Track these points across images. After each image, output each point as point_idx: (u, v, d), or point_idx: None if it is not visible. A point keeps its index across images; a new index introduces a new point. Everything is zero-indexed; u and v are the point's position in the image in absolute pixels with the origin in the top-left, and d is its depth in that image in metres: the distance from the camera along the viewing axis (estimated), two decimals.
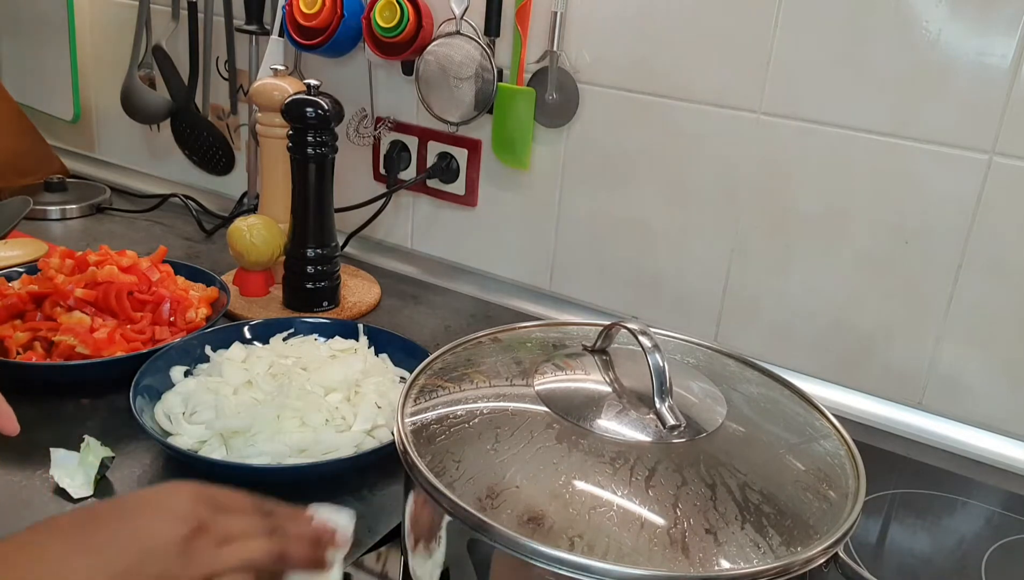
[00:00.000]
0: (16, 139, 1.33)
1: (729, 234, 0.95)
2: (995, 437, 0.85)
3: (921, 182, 0.83)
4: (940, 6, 0.79)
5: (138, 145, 1.44)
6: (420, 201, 1.17)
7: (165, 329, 0.87)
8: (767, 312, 0.95)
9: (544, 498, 0.48)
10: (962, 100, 0.80)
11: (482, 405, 0.57)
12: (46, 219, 1.27)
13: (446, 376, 0.61)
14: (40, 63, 1.45)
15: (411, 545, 0.57)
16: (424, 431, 0.54)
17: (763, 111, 0.90)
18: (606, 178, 1.01)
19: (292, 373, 0.79)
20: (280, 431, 0.71)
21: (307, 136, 0.95)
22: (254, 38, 1.18)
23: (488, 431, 0.54)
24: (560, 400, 0.56)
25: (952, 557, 0.70)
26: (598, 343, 0.63)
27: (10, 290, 0.87)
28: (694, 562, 0.45)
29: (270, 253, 1.01)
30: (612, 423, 0.54)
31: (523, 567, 0.46)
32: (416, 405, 0.57)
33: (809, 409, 0.62)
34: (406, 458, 0.52)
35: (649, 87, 0.96)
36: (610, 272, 1.04)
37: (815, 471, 0.54)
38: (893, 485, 0.79)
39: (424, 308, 1.09)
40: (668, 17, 0.92)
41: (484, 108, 1.03)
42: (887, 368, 0.89)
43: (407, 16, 1.00)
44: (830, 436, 0.59)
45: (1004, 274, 0.82)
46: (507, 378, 0.60)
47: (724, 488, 0.50)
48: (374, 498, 0.71)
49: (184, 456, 0.70)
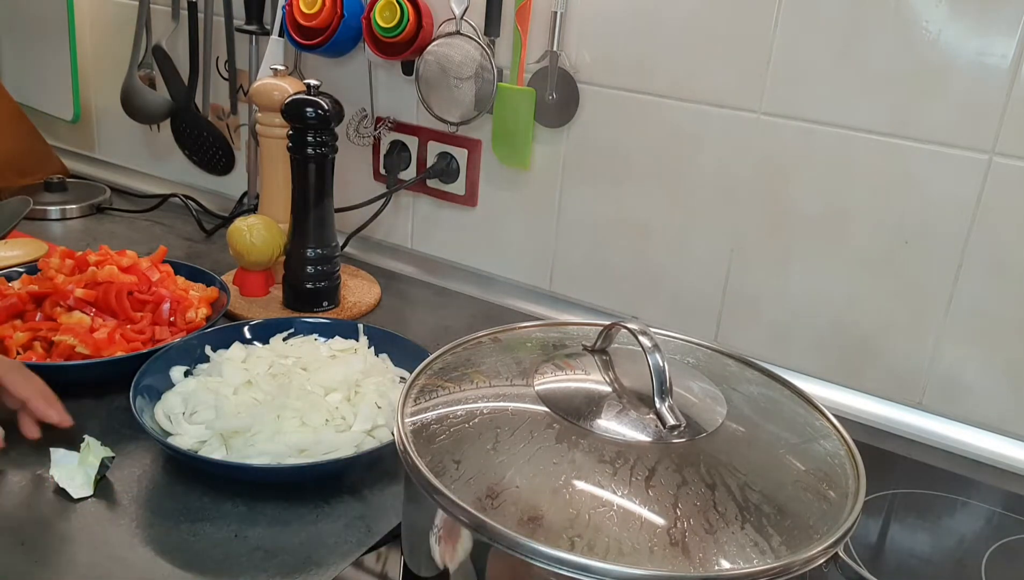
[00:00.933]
0: (16, 139, 1.33)
1: (729, 234, 0.95)
2: (995, 437, 0.85)
3: (921, 182, 0.83)
4: (940, 6, 0.79)
5: (138, 145, 1.44)
6: (420, 201, 1.17)
7: (165, 329, 0.87)
8: (767, 312, 0.95)
9: (544, 498, 0.48)
10: (962, 100, 0.80)
11: (482, 405, 0.57)
12: (46, 219, 1.27)
13: (446, 376, 0.61)
14: (40, 63, 1.45)
15: (411, 545, 0.57)
16: (424, 431, 0.54)
17: (763, 111, 0.90)
18: (606, 178, 1.01)
19: (292, 373, 0.79)
20: (280, 431, 0.71)
21: (307, 136, 0.95)
22: (254, 38, 1.18)
23: (488, 431, 0.54)
24: (560, 400, 0.56)
25: (952, 557, 0.70)
26: (598, 343, 0.63)
27: (10, 290, 0.87)
28: (694, 562, 0.45)
29: (270, 253, 1.01)
30: (612, 423, 0.54)
31: (523, 567, 0.46)
32: (416, 405, 0.57)
33: (809, 409, 0.62)
34: (406, 458, 0.52)
35: (649, 87, 0.96)
36: (610, 272, 1.04)
37: (815, 471, 0.54)
38: (893, 485, 0.79)
39: (424, 308, 1.09)
40: (668, 17, 0.92)
41: (484, 108, 1.03)
42: (887, 368, 0.89)
43: (407, 16, 1.00)
44: (830, 436, 0.59)
45: (1004, 274, 0.82)
46: (507, 378, 0.60)
47: (724, 488, 0.50)
48: (374, 498, 0.71)
49: (184, 456, 0.70)
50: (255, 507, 0.68)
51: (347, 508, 0.69)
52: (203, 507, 0.68)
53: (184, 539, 0.64)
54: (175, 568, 0.61)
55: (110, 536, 0.64)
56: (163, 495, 0.69)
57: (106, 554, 0.62)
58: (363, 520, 0.68)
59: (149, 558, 0.62)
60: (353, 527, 0.67)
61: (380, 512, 0.69)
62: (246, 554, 0.63)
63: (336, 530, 0.67)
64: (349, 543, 0.65)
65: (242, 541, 0.65)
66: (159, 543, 0.64)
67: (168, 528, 0.65)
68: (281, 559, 0.63)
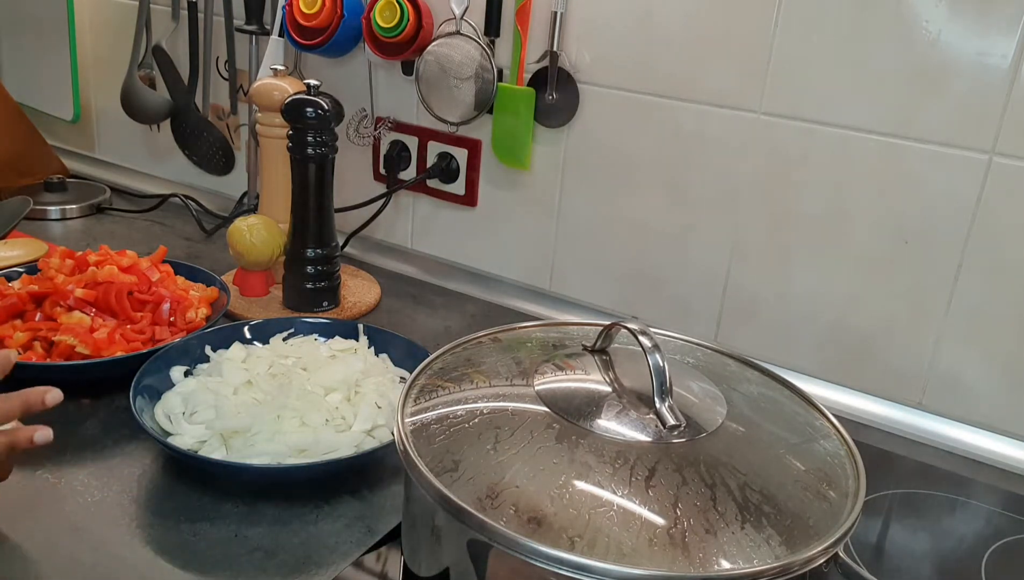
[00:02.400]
0: (16, 139, 1.33)
1: (729, 234, 0.95)
2: (995, 437, 0.85)
3: (921, 182, 0.83)
4: (940, 6, 0.79)
5: (138, 145, 1.44)
6: (420, 201, 1.17)
7: (165, 329, 0.87)
8: (767, 312, 0.95)
9: (544, 498, 0.48)
10: (962, 100, 0.80)
11: (482, 405, 0.57)
12: (46, 219, 1.27)
13: (446, 376, 0.61)
14: (40, 63, 1.45)
15: (411, 545, 0.57)
16: (424, 431, 0.54)
17: (763, 111, 0.90)
18: (606, 178, 1.01)
19: (292, 373, 0.79)
20: (280, 431, 0.71)
21: (307, 136, 0.95)
22: (254, 38, 1.18)
23: (488, 431, 0.54)
24: (560, 400, 0.56)
25: (952, 557, 0.70)
26: (598, 343, 0.63)
27: (10, 290, 0.87)
28: (694, 562, 0.45)
29: (270, 253, 1.01)
30: (612, 423, 0.54)
31: (523, 567, 0.46)
32: (416, 405, 0.57)
33: (809, 409, 0.62)
34: (406, 458, 0.52)
35: (649, 87, 0.96)
36: (610, 272, 1.04)
37: (815, 471, 0.54)
38: (893, 485, 0.79)
39: (424, 308, 1.09)
40: (668, 17, 0.92)
41: (484, 108, 1.03)
42: (887, 368, 0.89)
43: (407, 16, 1.00)
44: (830, 436, 0.59)
45: (1004, 274, 0.82)
46: (507, 378, 0.60)
47: (724, 488, 0.50)
48: (374, 498, 0.71)
49: (184, 456, 0.70)
50: (255, 507, 0.68)
51: (347, 508, 0.69)
52: (203, 507, 0.68)
53: (184, 539, 0.64)
54: (175, 568, 0.61)
55: (110, 536, 0.64)
56: (163, 495, 0.69)
57: (106, 554, 0.62)
58: (363, 520, 0.68)
59: (149, 558, 0.62)
60: (353, 527, 0.67)
61: (380, 512, 0.69)
62: (246, 554, 0.63)
63: (336, 530, 0.67)
64: (349, 543, 0.65)
65: (242, 541, 0.65)
66: (159, 543, 0.64)
67: (168, 528, 0.65)
68: (281, 559, 0.63)
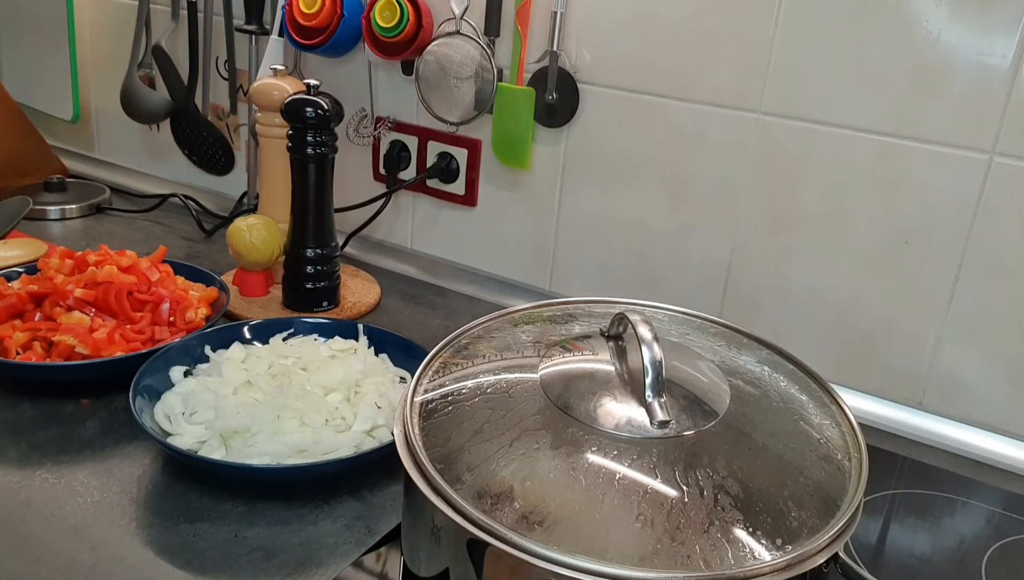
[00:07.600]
0: (16, 139, 1.33)
1: (729, 234, 0.95)
2: (995, 437, 0.85)
3: (921, 182, 0.83)
4: (940, 6, 0.79)
5: (138, 145, 1.44)
6: (420, 201, 1.17)
7: (165, 329, 0.87)
8: (767, 312, 0.95)
9: (545, 497, 0.48)
10: (962, 100, 0.80)
11: (483, 404, 0.57)
12: (46, 219, 1.27)
13: (447, 374, 0.61)
14: (40, 63, 1.45)
15: (411, 545, 0.57)
16: (424, 431, 0.54)
17: (763, 111, 0.90)
18: (606, 178, 1.01)
19: (292, 373, 0.79)
20: (280, 431, 0.71)
21: (307, 136, 0.94)
22: (254, 38, 1.18)
23: (490, 431, 0.53)
24: (565, 394, 0.56)
25: (952, 557, 0.70)
26: (612, 330, 0.63)
27: (10, 290, 0.87)
28: (695, 562, 0.45)
29: (270, 253, 1.01)
30: (616, 419, 0.53)
31: (523, 567, 0.46)
32: (416, 405, 0.57)
33: (817, 403, 0.61)
34: (405, 458, 0.52)
35: (649, 87, 0.96)
36: (610, 272, 1.04)
37: (816, 470, 0.54)
38: (893, 485, 0.78)
39: (424, 308, 1.09)
40: (668, 17, 0.92)
41: (484, 108, 1.03)
42: (887, 368, 0.89)
43: (407, 16, 1.00)
44: (832, 436, 0.59)
45: (1004, 274, 0.82)
46: (510, 376, 0.60)
47: (724, 487, 0.50)
48: (374, 498, 0.71)
49: (184, 456, 0.70)
50: (255, 507, 0.68)
51: (347, 508, 0.69)
52: (203, 507, 0.68)
53: (184, 539, 0.64)
54: (175, 568, 0.61)
55: (110, 536, 0.64)
56: (163, 495, 0.69)
57: (106, 554, 0.62)
58: (363, 520, 0.68)
59: (149, 558, 0.62)
60: (353, 527, 0.67)
61: (380, 512, 0.69)
62: (246, 554, 0.63)
63: (336, 530, 0.67)
64: (349, 543, 0.65)
65: (242, 541, 0.65)
66: (159, 543, 0.64)
67: (168, 528, 0.65)
68: (281, 559, 0.63)
